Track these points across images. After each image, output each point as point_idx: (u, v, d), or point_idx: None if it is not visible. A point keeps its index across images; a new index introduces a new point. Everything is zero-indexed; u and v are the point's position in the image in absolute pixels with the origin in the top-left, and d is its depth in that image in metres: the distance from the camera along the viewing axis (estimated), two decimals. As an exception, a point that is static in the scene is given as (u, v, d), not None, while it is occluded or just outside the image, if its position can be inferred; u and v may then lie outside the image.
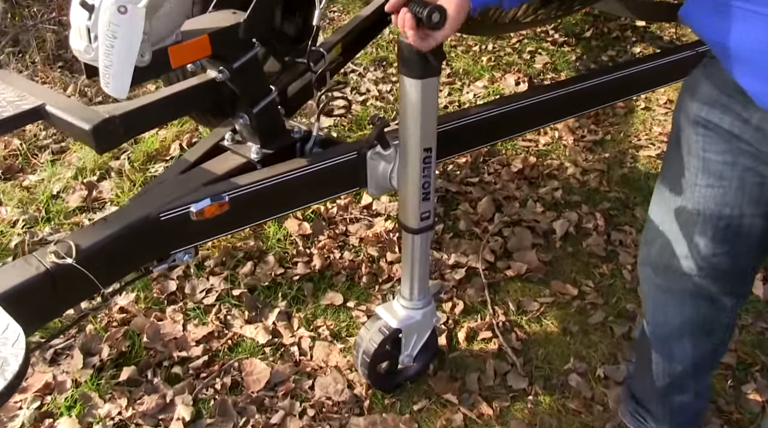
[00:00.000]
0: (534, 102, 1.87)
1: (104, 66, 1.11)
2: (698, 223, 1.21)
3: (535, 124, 2.06)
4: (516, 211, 2.49)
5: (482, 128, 1.81)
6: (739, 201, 1.14)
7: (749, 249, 1.22)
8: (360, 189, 1.68)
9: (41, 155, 2.88)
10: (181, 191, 1.45)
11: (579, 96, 1.95)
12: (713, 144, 1.14)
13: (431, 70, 1.40)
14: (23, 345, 1.07)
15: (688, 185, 1.20)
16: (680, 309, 1.35)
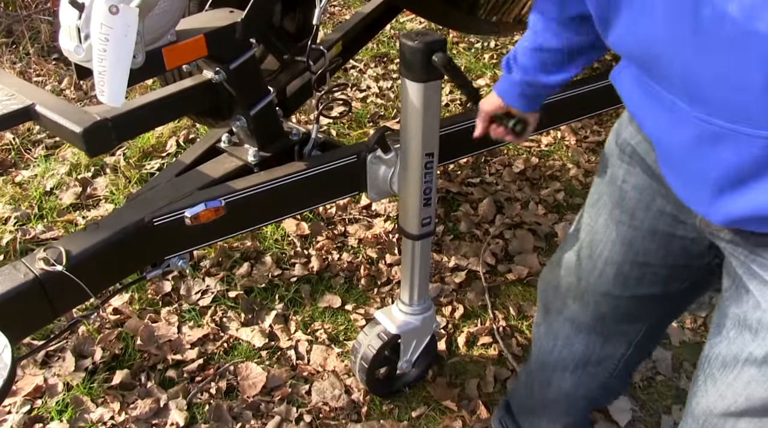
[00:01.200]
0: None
1: (98, 72, 1.07)
2: (601, 259, 1.12)
3: (540, 127, 2.01)
4: (517, 213, 2.45)
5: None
6: (645, 247, 1.06)
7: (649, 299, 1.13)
8: (359, 193, 1.64)
9: (35, 149, 2.84)
10: (175, 195, 1.40)
11: (584, 99, 1.90)
12: (633, 177, 1.04)
13: (434, 73, 1.36)
14: (9, 356, 1.04)
15: (603, 215, 1.11)
16: (570, 340, 1.28)
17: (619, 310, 1.16)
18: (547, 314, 1.31)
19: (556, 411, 1.41)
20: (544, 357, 1.35)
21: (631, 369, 1.34)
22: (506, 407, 1.61)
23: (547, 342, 1.32)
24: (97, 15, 1.04)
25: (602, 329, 1.21)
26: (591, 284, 1.15)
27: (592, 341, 1.24)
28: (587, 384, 1.31)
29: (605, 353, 1.25)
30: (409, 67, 1.34)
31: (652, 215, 1.01)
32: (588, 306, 1.18)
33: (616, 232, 1.07)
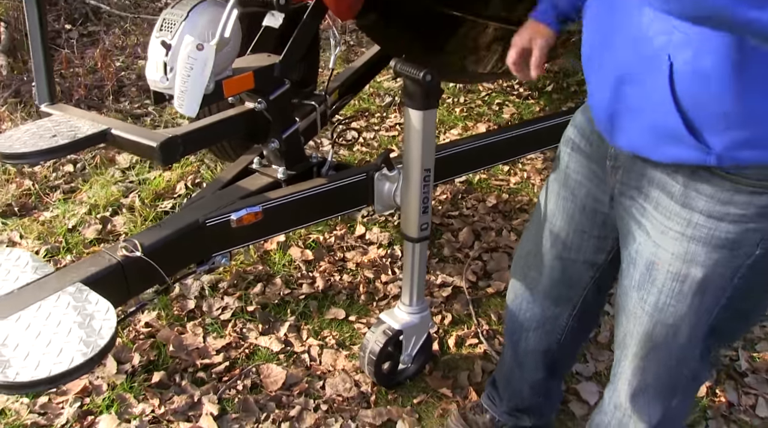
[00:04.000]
0: (509, 136, 2.20)
1: (180, 91, 1.39)
2: (551, 231, 1.44)
3: (512, 154, 2.38)
4: (493, 239, 2.79)
5: (469, 156, 2.12)
6: (581, 219, 1.38)
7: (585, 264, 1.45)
8: (367, 206, 1.96)
9: (53, 194, 3.10)
10: (221, 203, 1.71)
11: (543, 132, 2.28)
12: (574, 163, 1.36)
13: (431, 103, 1.71)
14: (113, 316, 1.31)
15: (552, 196, 1.44)
16: (530, 306, 1.58)
17: (566, 274, 1.47)
18: (515, 286, 1.63)
19: (526, 370, 1.70)
20: (512, 321, 1.66)
21: (579, 338, 1.67)
22: (492, 383, 1.89)
23: (514, 308, 1.63)
24: (185, 50, 1.37)
25: (552, 293, 1.52)
26: (546, 252, 1.48)
27: (545, 304, 1.55)
28: (546, 340, 1.61)
29: (556, 313, 1.56)
30: (411, 98, 1.70)
31: (583, 196, 1.35)
32: (542, 273, 1.51)
33: (563, 207, 1.41)
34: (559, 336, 1.59)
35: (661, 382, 1.30)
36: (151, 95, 1.53)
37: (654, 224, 1.15)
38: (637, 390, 1.32)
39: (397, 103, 4.12)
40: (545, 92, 4.38)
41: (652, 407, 1.32)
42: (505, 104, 4.18)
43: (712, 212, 1.07)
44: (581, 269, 1.46)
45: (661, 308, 1.18)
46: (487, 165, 2.49)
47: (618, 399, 1.37)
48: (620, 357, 1.34)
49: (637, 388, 1.32)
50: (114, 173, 3.26)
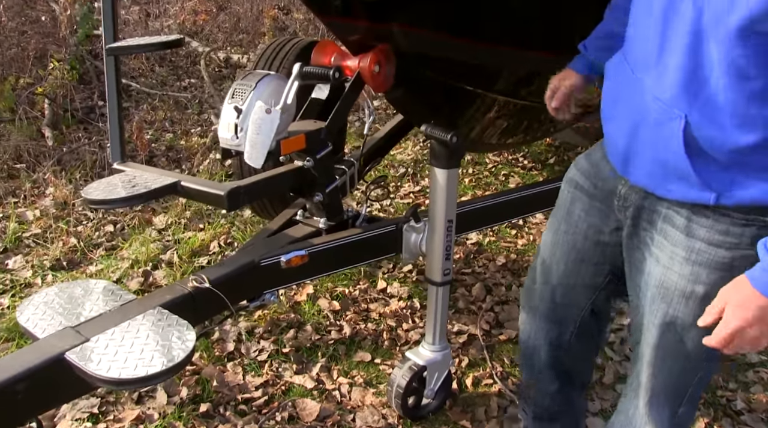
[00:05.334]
0: (522, 195, 2.49)
1: (250, 147, 1.68)
2: (553, 261, 1.68)
3: (525, 211, 2.65)
4: (503, 293, 3.03)
5: (487, 212, 2.40)
6: (582, 248, 1.62)
7: (583, 287, 1.66)
8: (397, 254, 2.22)
9: (96, 251, 3.37)
10: (272, 247, 1.97)
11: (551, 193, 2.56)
12: (577, 200, 1.58)
13: (455, 162, 2.00)
14: (192, 331, 1.55)
15: (558, 227, 1.68)
16: (537, 328, 1.81)
17: (566, 297, 1.70)
18: (523, 313, 1.86)
19: (543, 383, 1.89)
20: (524, 343, 1.88)
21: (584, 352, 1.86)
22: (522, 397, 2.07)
23: (525, 332, 1.86)
24: (256, 113, 1.67)
25: (554, 315, 1.75)
26: (547, 280, 1.72)
27: (549, 326, 1.77)
28: (554, 355, 1.82)
29: (559, 332, 1.77)
30: (437, 158, 1.99)
31: (587, 227, 1.60)
32: (545, 298, 1.74)
33: (564, 240, 1.65)
34: (565, 351, 1.81)
35: (670, 388, 1.49)
36: (219, 152, 1.81)
37: (663, 251, 1.38)
38: (651, 396, 1.52)
39: (410, 173, 4.44)
40: (548, 164, 4.71)
41: (662, 412, 1.52)
42: (510, 175, 4.49)
43: (712, 240, 1.30)
44: (579, 293, 1.69)
45: (669, 321, 1.40)
46: (502, 220, 2.76)
47: (638, 405, 1.56)
48: (639, 369, 1.53)
49: (651, 394, 1.51)
50: (151, 233, 3.53)
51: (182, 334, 1.54)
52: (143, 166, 2.13)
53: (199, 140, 4.94)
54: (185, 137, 5.09)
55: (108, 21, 2.23)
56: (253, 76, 1.79)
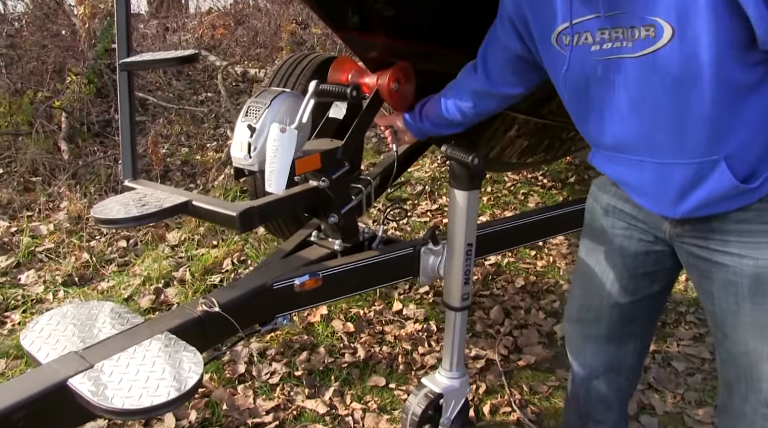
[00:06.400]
0: (542, 218, 2.41)
1: (269, 172, 1.62)
2: (607, 281, 1.64)
3: (546, 234, 2.58)
4: (522, 317, 2.95)
5: (508, 234, 2.32)
6: (634, 264, 1.58)
7: (643, 300, 1.64)
8: (414, 277, 2.14)
9: (108, 267, 3.33)
10: (286, 269, 1.91)
11: (573, 215, 2.48)
12: (617, 223, 1.57)
13: (475, 184, 1.93)
14: (200, 359, 1.49)
15: (600, 254, 1.64)
16: (595, 353, 1.74)
17: (625, 315, 1.65)
18: (573, 343, 1.79)
19: (596, 415, 1.82)
20: (576, 376, 1.80)
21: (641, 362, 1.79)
22: None
23: (577, 364, 1.78)
24: (272, 134, 1.61)
25: (615, 334, 1.69)
26: (601, 301, 1.65)
27: (609, 348, 1.71)
28: (617, 381, 1.75)
29: (621, 353, 1.71)
30: (457, 180, 1.92)
31: (634, 243, 1.56)
32: (602, 320, 1.67)
33: (612, 261, 1.61)
34: (628, 374, 1.74)
35: None
36: (232, 171, 1.76)
37: (744, 246, 1.35)
38: None
39: (427, 191, 4.37)
40: (568, 183, 4.63)
41: None
42: (530, 194, 4.41)
43: None
44: (639, 306, 1.64)
45: None
46: (523, 243, 2.69)
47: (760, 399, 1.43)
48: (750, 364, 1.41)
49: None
50: (164, 249, 3.49)
51: (190, 362, 1.47)
52: (154, 184, 2.08)
53: (215, 155, 4.91)
54: (201, 151, 5.07)
55: (122, 36, 2.19)
56: (267, 94, 1.73)
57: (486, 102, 1.81)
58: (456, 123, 1.93)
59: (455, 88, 1.89)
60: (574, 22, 1.37)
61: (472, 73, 1.80)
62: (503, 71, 1.70)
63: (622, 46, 1.30)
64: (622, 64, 1.31)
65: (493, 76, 1.72)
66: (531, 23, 1.51)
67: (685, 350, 2.71)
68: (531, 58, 1.61)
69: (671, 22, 1.21)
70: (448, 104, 1.89)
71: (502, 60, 1.69)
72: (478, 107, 1.83)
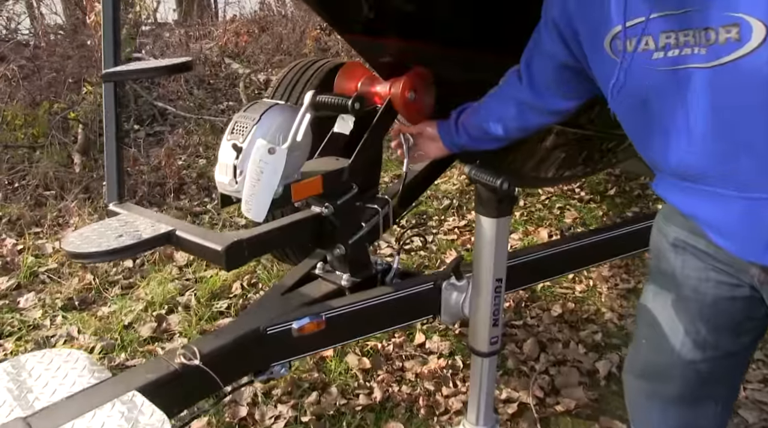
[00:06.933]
0: (587, 243, 2.10)
1: (249, 195, 1.36)
2: (678, 334, 1.33)
3: (589, 262, 2.26)
4: (560, 351, 2.63)
5: (544, 264, 2.02)
6: (713, 313, 1.28)
7: (725, 357, 1.33)
8: (434, 316, 1.86)
9: (112, 289, 3.11)
10: (283, 310, 1.64)
11: (623, 240, 2.17)
12: (690, 262, 1.29)
13: (505, 210, 1.64)
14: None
15: (669, 299, 1.34)
16: (663, 415, 1.44)
17: (702, 374, 1.33)
18: (638, 405, 1.48)
19: None
20: None
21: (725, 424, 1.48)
22: None
23: (643, 423, 1.47)
24: (257, 153, 1.34)
25: (690, 396, 1.37)
26: (674, 358, 1.34)
27: (682, 412, 1.39)
28: None
29: (698, 418, 1.40)
30: (484, 206, 1.63)
31: (713, 286, 1.25)
32: (674, 380, 1.36)
33: (685, 308, 1.30)
34: None
35: None
36: (218, 198, 1.50)
37: None
38: None
39: (455, 206, 4.08)
40: (607, 196, 4.29)
41: None
42: (566, 208, 4.09)
43: None
44: (720, 364, 1.33)
45: None
46: (562, 274, 2.39)
47: None
48: None
49: None
50: (171, 270, 3.26)
51: (154, 435, 1.21)
52: (141, 209, 1.84)
53: (233, 168, 4.69)
54: (218, 163, 4.86)
55: (108, 43, 1.96)
56: (258, 107, 1.47)
57: (532, 116, 1.56)
58: (497, 138, 1.69)
59: (497, 97, 1.64)
60: (628, 24, 1.11)
61: (516, 81, 1.55)
62: (549, 82, 1.45)
63: (692, 53, 1.03)
64: (693, 76, 1.04)
65: (538, 87, 1.47)
66: (578, 27, 1.26)
67: (754, 395, 2.37)
68: (580, 68, 1.35)
69: (764, 19, 0.92)
70: (489, 115, 1.65)
71: (547, 69, 1.44)
72: (523, 121, 1.59)
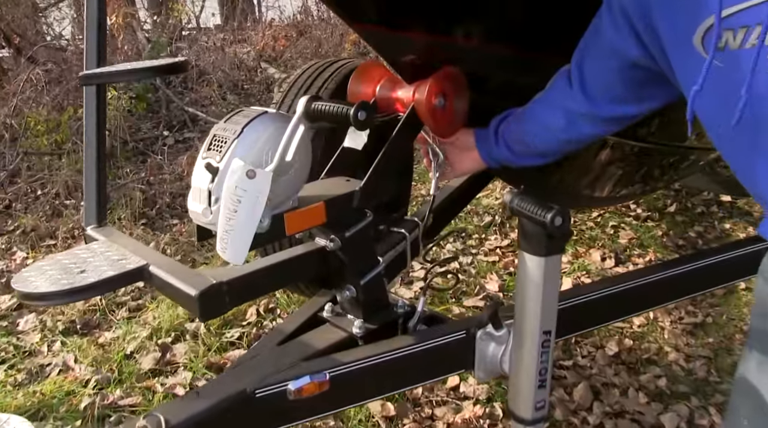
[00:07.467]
0: (659, 278, 1.73)
1: (224, 231, 1.05)
2: None
3: (658, 302, 1.88)
4: (617, 400, 2.26)
5: (602, 305, 1.67)
6: None
7: None
8: (466, 371, 1.53)
9: (118, 311, 2.85)
10: (278, 366, 1.33)
11: (710, 272, 1.80)
12: None
13: (556, 247, 1.30)
14: None
15: None
16: None
17: None
18: None
19: None
20: None
21: None
22: None
23: None
24: (233, 178, 1.03)
25: None
26: None
27: None
28: None
29: None
30: (530, 241, 1.30)
31: None
32: None
33: None
34: None
35: None
36: (195, 231, 1.20)
37: None
38: None
39: (497, 223, 3.73)
40: (667, 213, 3.88)
41: None
42: (620, 227, 3.70)
43: None
44: None
45: None
46: (627, 315, 2.00)
47: None
48: None
49: None
50: (185, 291, 2.99)
51: None
52: (121, 235, 1.55)
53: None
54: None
55: (91, 43, 1.68)
56: (242, 117, 1.16)
57: (584, 126, 1.28)
58: (542, 153, 1.41)
59: (542, 103, 1.34)
60: (725, 14, 0.88)
61: (566, 86, 1.26)
62: (609, 86, 1.17)
63: None
64: None
65: (593, 93, 1.20)
66: (658, 17, 0.98)
67: None
68: (654, 68, 1.06)
69: None
70: (534, 126, 1.36)
71: (606, 69, 1.16)
72: (574, 132, 1.30)
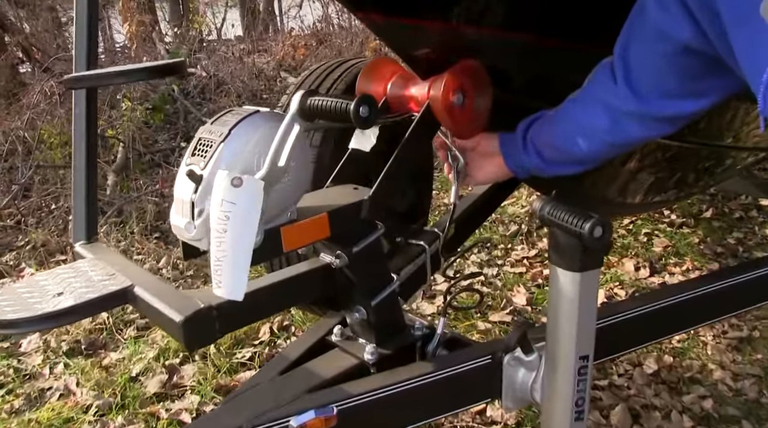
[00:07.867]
0: (705, 291, 1.55)
1: (216, 259, 0.89)
2: None
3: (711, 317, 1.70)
4: (659, 424, 2.07)
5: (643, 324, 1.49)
6: None
7: None
8: (492, 400, 1.36)
9: (126, 330, 2.73)
10: (279, 399, 1.18)
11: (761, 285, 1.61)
12: None
13: (594, 261, 1.14)
14: None
15: None
16: None
17: None
18: None
19: None
20: None
21: None
22: None
23: None
24: (218, 190, 0.88)
25: None
26: None
27: None
28: None
29: None
30: (563, 255, 1.14)
31: None
32: None
33: None
34: None
35: None
36: (180, 248, 1.05)
37: None
38: None
39: (524, 232, 3.55)
40: (703, 219, 3.67)
41: None
42: (654, 235, 3.50)
43: None
44: None
45: None
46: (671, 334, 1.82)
47: None
48: None
49: None
50: (196, 308, 2.86)
51: None
52: (110, 252, 1.42)
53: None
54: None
55: (81, 45, 1.56)
56: (230, 117, 1.01)
57: (632, 126, 1.10)
58: (581, 159, 1.23)
59: (581, 102, 1.17)
60: None
61: (609, 80, 1.09)
62: (659, 78, 1.02)
63: None
64: None
65: (641, 87, 1.04)
66: None
67: None
68: (711, 52, 0.90)
69: None
70: (571, 128, 1.18)
71: (657, 57, 1.00)
72: (620, 135, 1.13)
